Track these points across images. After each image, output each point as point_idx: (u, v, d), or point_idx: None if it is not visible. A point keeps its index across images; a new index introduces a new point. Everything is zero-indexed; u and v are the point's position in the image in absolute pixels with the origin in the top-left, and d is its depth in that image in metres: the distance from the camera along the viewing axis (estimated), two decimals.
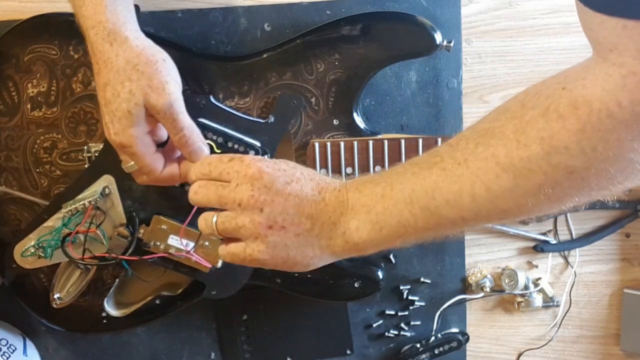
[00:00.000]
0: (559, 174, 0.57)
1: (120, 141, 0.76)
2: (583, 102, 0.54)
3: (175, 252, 0.90)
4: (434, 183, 0.64)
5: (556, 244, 1.03)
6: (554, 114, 0.56)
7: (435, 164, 0.64)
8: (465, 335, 1.04)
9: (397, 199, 0.66)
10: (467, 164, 0.62)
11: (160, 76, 0.76)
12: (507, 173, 0.59)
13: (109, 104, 0.75)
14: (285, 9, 0.92)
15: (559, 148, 0.56)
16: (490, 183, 0.60)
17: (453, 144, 0.65)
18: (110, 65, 0.75)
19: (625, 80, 0.51)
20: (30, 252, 0.90)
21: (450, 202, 0.63)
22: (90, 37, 0.76)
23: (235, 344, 1.02)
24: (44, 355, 1.02)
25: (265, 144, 0.89)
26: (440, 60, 0.94)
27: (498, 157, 0.60)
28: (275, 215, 0.68)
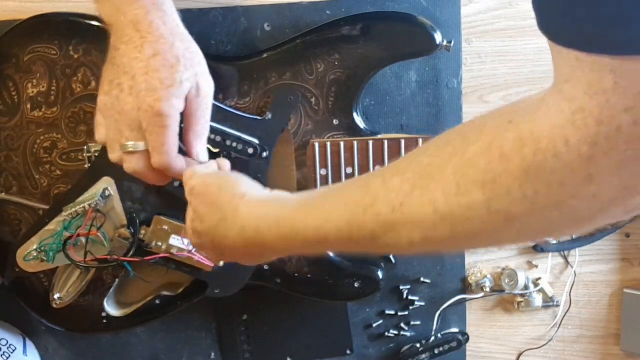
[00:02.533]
0: (499, 221, 0.54)
1: (162, 108, 0.74)
2: (530, 140, 0.51)
3: (177, 252, 0.90)
4: (371, 232, 0.61)
5: (556, 244, 1.03)
6: (497, 152, 0.53)
7: (369, 208, 0.61)
8: (465, 335, 1.04)
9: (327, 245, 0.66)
10: (403, 210, 0.58)
11: (205, 66, 0.79)
12: (444, 222, 0.56)
13: (155, 71, 0.74)
14: (285, 9, 0.92)
15: (501, 194, 0.53)
16: (427, 232, 0.58)
17: (387, 178, 0.61)
18: (163, 40, 0.75)
19: (575, 117, 0.48)
20: (32, 256, 0.90)
21: (390, 245, 0.61)
22: (141, 16, 0.75)
23: (235, 344, 1.02)
24: (44, 355, 1.02)
25: (263, 141, 0.89)
26: (440, 60, 0.94)
27: (436, 204, 0.56)
28: None
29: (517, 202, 0.53)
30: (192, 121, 0.78)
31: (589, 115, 0.48)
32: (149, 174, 0.77)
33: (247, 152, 0.88)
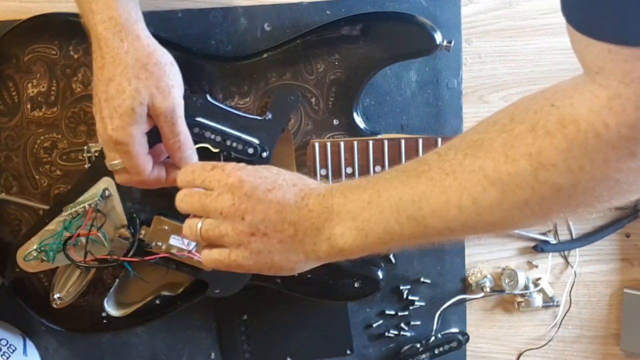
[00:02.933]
0: (546, 190, 0.58)
1: (118, 138, 0.76)
2: (570, 121, 0.55)
3: (177, 252, 0.90)
4: (421, 193, 0.63)
5: (556, 244, 1.03)
6: (542, 131, 0.57)
7: (422, 173, 0.64)
8: (465, 335, 1.04)
9: (384, 206, 0.66)
10: (455, 175, 0.62)
11: (167, 79, 0.77)
12: (494, 187, 0.59)
13: (111, 99, 0.75)
14: (285, 9, 0.92)
15: (547, 165, 0.57)
16: (478, 196, 0.60)
17: (442, 153, 0.64)
18: (119, 61, 0.75)
19: (611, 102, 0.52)
20: (32, 256, 0.90)
21: (436, 212, 0.63)
22: (99, 32, 0.75)
23: (235, 344, 1.02)
24: (44, 355, 1.02)
25: (263, 141, 0.89)
26: (440, 60, 0.94)
27: (486, 170, 0.60)
28: (257, 223, 0.68)
29: (563, 173, 0.56)
30: (164, 136, 0.80)
31: (626, 102, 0.51)
32: (137, 185, 0.82)
33: (247, 152, 0.88)
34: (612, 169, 0.55)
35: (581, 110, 0.54)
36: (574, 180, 0.56)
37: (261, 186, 0.69)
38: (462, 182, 0.61)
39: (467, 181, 0.61)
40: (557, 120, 0.56)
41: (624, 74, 0.50)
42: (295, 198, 0.69)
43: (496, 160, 0.59)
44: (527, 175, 0.58)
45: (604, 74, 0.52)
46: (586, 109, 0.54)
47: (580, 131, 0.54)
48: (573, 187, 0.57)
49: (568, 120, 0.55)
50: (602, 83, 0.53)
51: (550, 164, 0.56)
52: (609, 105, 0.52)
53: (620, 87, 0.51)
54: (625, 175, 0.55)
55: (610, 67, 0.51)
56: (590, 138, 0.54)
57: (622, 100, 0.51)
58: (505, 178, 0.59)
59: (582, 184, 0.56)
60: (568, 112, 0.55)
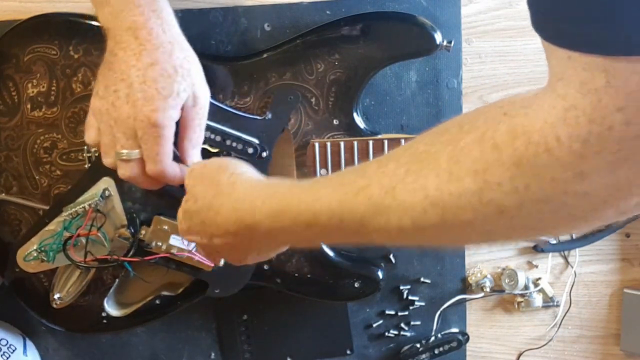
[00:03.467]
0: (490, 211, 0.54)
1: (157, 119, 0.74)
2: (522, 132, 0.51)
3: (177, 252, 0.90)
4: (361, 215, 0.61)
5: (556, 244, 1.03)
6: (490, 143, 0.53)
7: (362, 190, 0.61)
8: (465, 335, 1.04)
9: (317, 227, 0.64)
10: (394, 194, 0.58)
11: (202, 74, 0.80)
12: (435, 208, 0.56)
13: (152, 81, 0.75)
14: (285, 9, 0.92)
15: (492, 184, 0.53)
16: (417, 218, 0.57)
17: (383, 163, 0.61)
18: (163, 49, 0.76)
19: (567, 114, 0.48)
20: (32, 257, 0.90)
21: (378, 231, 0.61)
22: (140, 22, 0.75)
23: (235, 344, 1.02)
24: (44, 355, 1.02)
25: (263, 140, 0.89)
26: (440, 60, 0.94)
27: (427, 190, 0.56)
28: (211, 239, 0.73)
29: (508, 193, 0.52)
30: (188, 130, 0.79)
31: (581, 114, 0.48)
32: (142, 180, 0.79)
33: (247, 151, 0.88)
34: (559, 190, 0.51)
35: (535, 120, 0.51)
36: (518, 201, 0.52)
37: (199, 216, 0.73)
38: (402, 203, 0.58)
39: (407, 201, 0.57)
40: (508, 130, 0.52)
41: (581, 84, 0.47)
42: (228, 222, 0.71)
43: (440, 177, 0.56)
44: (470, 196, 0.54)
45: (564, 82, 0.49)
46: (541, 120, 0.50)
47: (531, 144, 0.50)
48: (517, 208, 0.53)
49: (519, 131, 0.51)
50: (561, 92, 0.49)
51: (496, 182, 0.53)
52: (564, 116, 0.49)
53: (577, 98, 0.48)
54: (572, 198, 0.51)
55: (569, 75, 0.48)
56: (541, 152, 0.50)
57: (577, 112, 0.48)
58: (447, 198, 0.55)
59: (526, 205, 0.53)
60: (521, 122, 0.52)
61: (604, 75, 0.46)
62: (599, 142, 0.47)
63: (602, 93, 0.46)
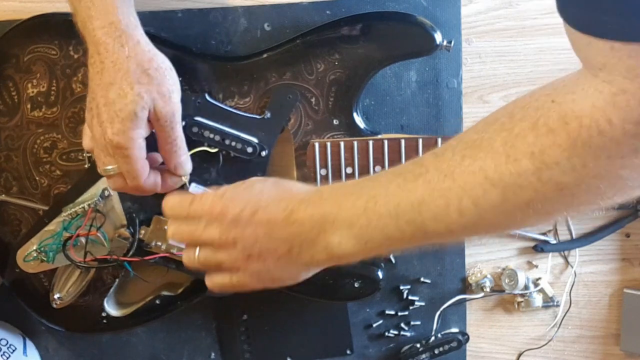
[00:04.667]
0: (549, 189, 0.56)
1: (119, 142, 0.75)
2: (573, 117, 0.53)
3: (176, 252, 0.90)
4: (420, 197, 0.62)
5: (556, 244, 1.03)
6: (544, 128, 0.55)
7: (420, 176, 0.62)
8: (465, 335, 1.04)
9: (382, 212, 0.64)
10: (454, 177, 0.60)
11: (168, 84, 0.77)
12: (495, 188, 0.58)
13: (112, 103, 0.75)
14: (285, 9, 0.92)
15: (550, 164, 0.55)
16: (478, 198, 0.59)
17: (439, 154, 0.63)
18: (119, 65, 0.75)
19: (616, 98, 0.51)
20: (32, 257, 0.90)
21: (437, 216, 0.61)
22: (98, 37, 0.75)
23: (235, 344, 1.02)
24: (44, 355, 1.02)
25: (262, 140, 0.89)
26: (440, 60, 0.94)
27: (486, 171, 0.58)
28: (250, 247, 0.69)
29: (567, 172, 0.55)
30: (161, 141, 0.80)
31: (631, 97, 0.50)
32: (131, 191, 0.80)
33: (246, 151, 0.88)
34: (617, 165, 0.53)
35: (584, 106, 0.53)
36: (577, 179, 0.55)
37: (245, 210, 0.69)
38: (462, 184, 0.59)
39: (467, 183, 0.59)
40: (559, 116, 0.54)
41: (628, 70, 0.49)
42: (283, 214, 0.68)
43: (497, 160, 0.57)
44: (529, 175, 0.56)
45: (607, 70, 0.51)
46: (589, 105, 0.52)
47: (584, 127, 0.53)
48: (577, 185, 0.55)
49: (570, 116, 0.54)
50: (605, 79, 0.51)
51: (554, 162, 0.55)
52: (613, 101, 0.51)
53: (624, 83, 0.50)
54: (630, 171, 0.54)
55: (613, 63, 0.50)
56: (594, 135, 0.52)
57: (626, 96, 0.50)
58: (507, 179, 0.57)
59: (585, 182, 0.55)
60: (570, 108, 0.54)
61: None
62: None
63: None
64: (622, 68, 0.50)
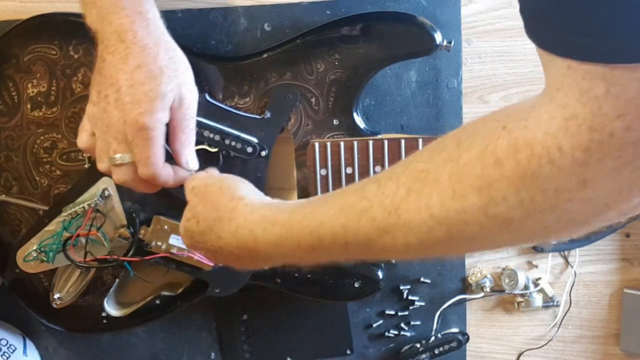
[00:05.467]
0: (496, 225, 0.55)
1: (145, 122, 0.74)
2: (524, 145, 0.51)
3: (177, 252, 0.90)
4: (366, 236, 0.61)
5: (556, 244, 1.03)
6: (491, 158, 0.53)
7: (364, 212, 0.61)
8: (465, 335, 1.04)
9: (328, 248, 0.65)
10: (399, 214, 0.59)
11: (190, 74, 0.80)
12: (441, 226, 0.56)
13: (139, 84, 0.74)
14: (285, 9, 0.92)
15: (497, 199, 0.53)
16: (423, 236, 0.58)
17: (382, 183, 0.61)
18: (148, 50, 0.75)
19: (568, 123, 0.49)
20: (32, 257, 0.90)
21: (384, 251, 0.61)
22: (125, 25, 0.75)
23: (235, 344, 1.02)
24: (44, 355, 1.02)
25: (262, 139, 0.89)
26: (440, 60, 0.94)
27: (432, 209, 0.56)
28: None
29: (514, 207, 0.53)
30: (178, 131, 0.79)
31: (582, 123, 0.48)
32: (137, 184, 0.79)
33: (246, 150, 0.88)
34: (564, 199, 0.51)
35: (536, 133, 0.51)
36: (524, 214, 0.53)
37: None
38: (407, 222, 0.58)
39: (412, 222, 0.58)
40: (509, 145, 0.52)
41: (581, 92, 0.48)
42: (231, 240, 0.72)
43: (443, 196, 0.56)
44: (475, 211, 0.54)
45: (564, 91, 0.49)
46: (542, 132, 0.50)
47: (534, 157, 0.51)
48: (523, 220, 0.54)
49: (521, 144, 0.51)
50: (560, 102, 0.49)
51: (501, 197, 0.53)
52: (565, 126, 0.49)
53: (577, 107, 0.48)
54: (577, 205, 0.52)
55: (569, 84, 0.48)
56: (544, 164, 0.50)
57: (578, 121, 0.48)
58: (452, 216, 0.55)
59: (532, 216, 0.53)
60: (522, 135, 0.51)
61: (603, 84, 0.46)
62: (600, 149, 0.48)
63: (602, 101, 0.47)
64: (576, 89, 0.48)
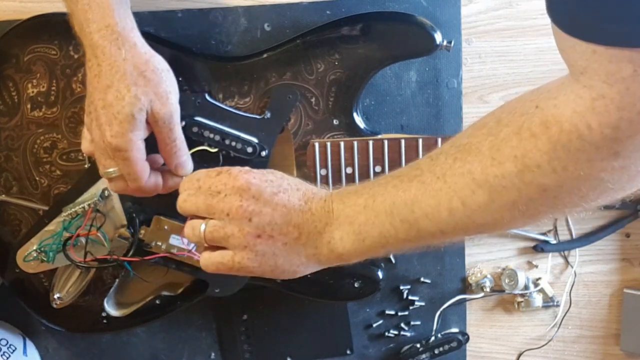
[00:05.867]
0: (532, 191, 0.59)
1: (118, 144, 0.75)
2: (554, 122, 0.56)
3: (177, 252, 0.90)
4: (414, 196, 0.65)
5: (556, 244, 1.03)
6: (527, 133, 0.58)
7: (415, 177, 0.66)
8: (465, 335, 1.04)
9: (379, 210, 0.67)
10: (445, 179, 0.63)
11: (165, 85, 0.77)
12: (482, 189, 0.61)
13: (109, 106, 0.75)
14: (285, 9, 0.92)
15: (531, 166, 0.58)
16: (467, 198, 0.62)
17: (433, 157, 0.66)
18: (116, 68, 0.75)
19: (595, 103, 0.52)
20: (32, 257, 0.90)
21: (428, 215, 0.64)
22: (95, 40, 0.75)
23: (235, 344, 1.02)
24: (44, 355, 1.02)
25: (262, 139, 0.89)
26: (440, 60, 0.94)
27: (474, 174, 0.61)
28: (264, 225, 0.68)
29: (548, 174, 0.57)
30: (160, 142, 0.80)
31: (609, 102, 0.51)
32: (132, 192, 0.81)
33: (246, 151, 0.88)
34: (596, 168, 0.55)
35: (564, 111, 0.55)
36: (559, 181, 0.57)
37: (267, 189, 0.69)
38: (452, 185, 0.62)
39: (456, 184, 0.62)
40: (541, 121, 0.57)
41: (607, 75, 0.51)
42: (300, 202, 0.70)
43: (483, 163, 0.61)
44: (513, 177, 0.59)
45: (588, 74, 0.52)
46: (569, 110, 0.54)
47: (564, 132, 0.55)
48: (558, 187, 0.58)
49: (551, 121, 0.56)
50: (586, 84, 0.53)
51: (535, 165, 0.58)
52: (592, 106, 0.52)
53: (604, 88, 0.51)
54: (610, 174, 0.55)
55: (594, 68, 0.51)
56: (574, 139, 0.55)
57: (605, 101, 0.51)
58: (492, 180, 0.60)
59: (567, 184, 0.57)
60: (551, 113, 0.56)
61: (630, 66, 0.49)
62: (630, 126, 0.52)
63: (629, 82, 0.50)
64: (602, 72, 0.51)
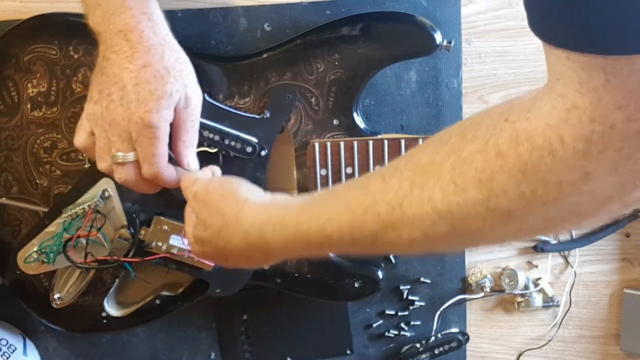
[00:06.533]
0: (497, 218, 0.55)
1: (152, 120, 0.75)
2: (525, 138, 0.51)
3: (177, 252, 0.90)
4: (372, 232, 0.61)
5: (556, 244, 1.03)
6: (493, 151, 0.53)
7: (369, 209, 0.61)
8: (465, 335, 1.04)
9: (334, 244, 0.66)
10: (402, 209, 0.59)
11: (194, 76, 0.80)
12: (443, 220, 0.57)
13: (146, 82, 0.75)
14: (285, 9, 0.92)
15: (498, 192, 0.53)
16: (427, 229, 0.58)
17: (386, 178, 0.61)
18: (154, 50, 0.76)
19: (568, 115, 0.49)
20: (33, 258, 0.90)
21: (390, 246, 0.63)
22: (131, 25, 0.76)
23: (235, 344, 1.02)
24: (44, 355, 1.02)
25: (261, 139, 0.89)
26: (440, 60, 0.94)
27: (434, 202, 0.57)
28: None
29: (515, 200, 0.53)
30: (181, 131, 0.80)
31: (582, 113, 0.48)
32: (139, 184, 0.79)
33: (245, 150, 0.88)
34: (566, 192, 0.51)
35: (537, 124, 0.51)
36: (526, 207, 0.53)
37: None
38: (411, 216, 0.58)
39: (416, 215, 0.58)
40: (510, 137, 0.52)
41: (580, 83, 0.48)
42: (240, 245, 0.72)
43: (445, 190, 0.56)
44: (477, 205, 0.55)
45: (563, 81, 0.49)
46: (543, 123, 0.50)
47: (535, 149, 0.51)
48: (525, 213, 0.54)
49: (522, 137, 0.51)
50: (560, 92, 0.49)
51: (502, 190, 0.53)
52: (566, 117, 0.49)
53: (577, 97, 0.48)
54: (580, 198, 0.51)
55: (568, 74, 0.48)
56: (545, 156, 0.50)
57: (578, 112, 0.48)
58: (455, 209, 0.56)
59: (534, 209, 0.53)
60: (523, 128, 0.51)
61: (602, 74, 0.46)
62: (602, 140, 0.48)
63: (601, 92, 0.47)
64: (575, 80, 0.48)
